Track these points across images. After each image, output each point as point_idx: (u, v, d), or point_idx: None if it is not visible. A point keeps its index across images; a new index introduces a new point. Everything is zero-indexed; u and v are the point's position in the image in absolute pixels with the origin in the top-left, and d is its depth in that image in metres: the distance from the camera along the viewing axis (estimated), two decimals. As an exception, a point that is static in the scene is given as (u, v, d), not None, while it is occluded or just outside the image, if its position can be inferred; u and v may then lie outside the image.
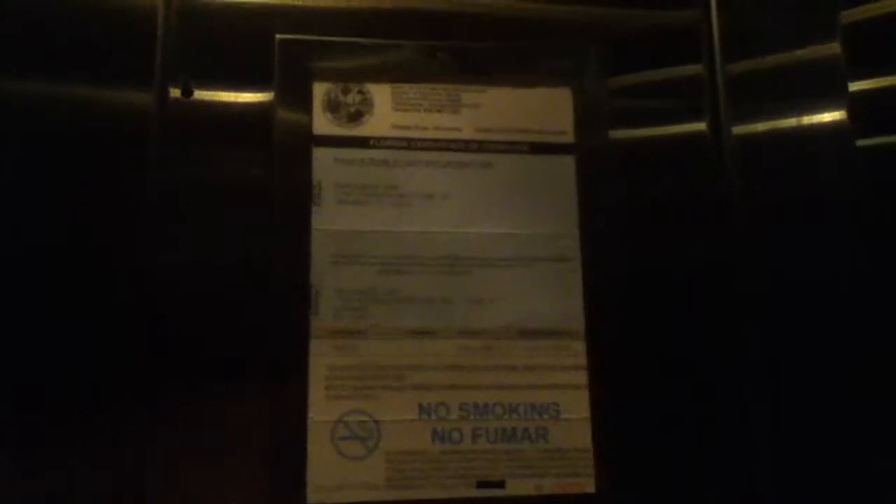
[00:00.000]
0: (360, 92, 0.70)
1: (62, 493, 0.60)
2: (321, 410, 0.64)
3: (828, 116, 0.73)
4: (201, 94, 0.68)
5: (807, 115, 0.73)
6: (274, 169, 0.67)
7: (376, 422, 0.65)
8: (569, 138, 0.72)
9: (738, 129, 0.73)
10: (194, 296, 0.65)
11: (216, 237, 0.66)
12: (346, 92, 0.70)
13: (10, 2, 0.67)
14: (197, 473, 0.62)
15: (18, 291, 0.62)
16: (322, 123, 0.69)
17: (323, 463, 0.63)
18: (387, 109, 0.70)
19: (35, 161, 0.65)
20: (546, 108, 0.73)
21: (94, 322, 0.62)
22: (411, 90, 0.71)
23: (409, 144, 0.70)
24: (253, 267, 0.65)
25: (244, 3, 0.71)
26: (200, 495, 0.62)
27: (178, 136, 0.67)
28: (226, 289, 0.65)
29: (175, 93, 0.67)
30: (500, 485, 0.65)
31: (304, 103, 0.69)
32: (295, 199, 0.67)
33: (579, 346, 0.68)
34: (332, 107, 0.70)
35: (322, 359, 0.65)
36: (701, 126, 0.74)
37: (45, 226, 0.64)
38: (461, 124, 0.71)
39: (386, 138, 0.70)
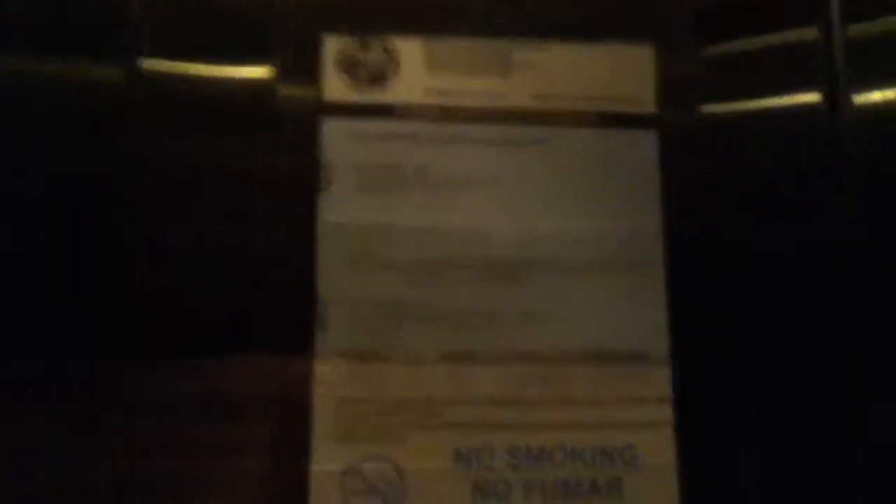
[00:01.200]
0: (383, 48, 0.65)
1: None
2: (328, 456, 0.59)
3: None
4: (190, 54, 0.63)
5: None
6: (274, 146, 0.62)
7: (400, 471, 0.59)
8: (650, 108, 0.67)
9: (861, 99, 0.67)
10: (164, 304, 0.59)
11: (198, 232, 0.61)
12: (365, 48, 0.65)
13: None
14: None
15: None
16: (335, 88, 0.64)
17: (330, 525, 0.59)
18: (417, 70, 0.65)
19: (9, 142, 0.60)
20: (622, 71, 0.67)
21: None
22: (449, 46, 0.66)
23: (446, 115, 0.65)
24: (245, 270, 0.60)
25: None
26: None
27: (162, 107, 0.62)
28: (207, 296, 0.60)
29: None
30: (561, 556, 0.60)
31: (313, 62, 0.64)
32: (299, 185, 0.62)
33: (662, 374, 0.62)
34: (348, 67, 0.65)
35: (330, 389, 0.60)
36: (815, 97, 0.67)
37: (24, 214, 0.59)
38: (512, 89, 0.66)
39: (416, 106, 0.65)
